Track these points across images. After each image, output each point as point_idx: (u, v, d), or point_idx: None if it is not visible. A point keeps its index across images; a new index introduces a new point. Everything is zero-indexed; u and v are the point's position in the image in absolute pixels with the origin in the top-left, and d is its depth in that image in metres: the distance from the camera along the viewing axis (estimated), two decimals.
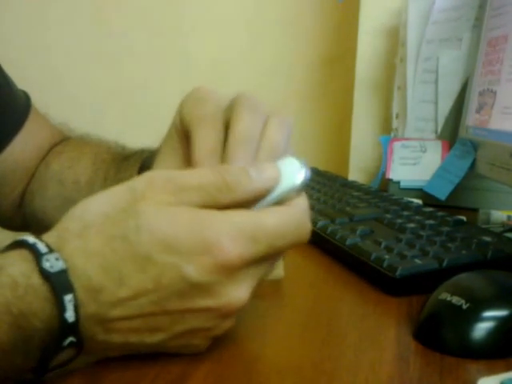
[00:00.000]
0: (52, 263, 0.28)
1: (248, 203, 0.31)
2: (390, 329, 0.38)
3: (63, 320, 0.28)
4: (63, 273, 0.28)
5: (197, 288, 0.29)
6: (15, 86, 0.57)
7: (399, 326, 0.38)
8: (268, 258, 0.31)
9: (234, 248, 0.29)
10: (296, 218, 0.32)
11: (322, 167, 0.86)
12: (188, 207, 0.30)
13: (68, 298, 0.28)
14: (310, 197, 0.65)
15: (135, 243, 0.29)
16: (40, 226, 0.54)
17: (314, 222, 0.56)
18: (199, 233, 0.29)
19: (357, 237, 0.50)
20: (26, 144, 0.55)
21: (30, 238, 0.29)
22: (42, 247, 0.29)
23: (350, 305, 0.43)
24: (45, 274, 0.28)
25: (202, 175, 0.31)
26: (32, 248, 0.29)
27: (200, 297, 0.30)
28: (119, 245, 0.29)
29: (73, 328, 0.28)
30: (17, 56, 1.08)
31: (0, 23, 1.11)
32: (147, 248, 0.29)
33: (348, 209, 0.59)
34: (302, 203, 0.32)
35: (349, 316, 0.41)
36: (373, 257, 0.45)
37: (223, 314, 0.31)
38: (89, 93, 1.11)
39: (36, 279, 0.28)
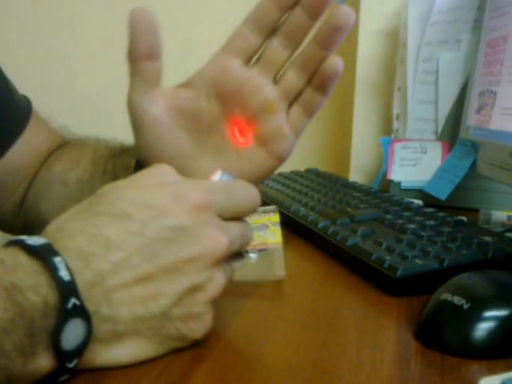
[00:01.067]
0: (34, 240, 0.30)
1: None
2: (391, 329, 0.38)
3: (59, 279, 0.28)
4: (47, 245, 0.29)
5: (180, 234, 0.32)
6: (16, 91, 0.57)
7: (400, 326, 0.38)
8: (229, 212, 0.35)
9: (197, 194, 0.34)
10: (239, 181, 0.38)
11: (322, 168, 0.86)
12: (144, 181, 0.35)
13: (57, 259, 0.29)
14: (311, 198, 0.66)
15: (112, 212, 0.32)
16: (43, 229, 0.54)
17: (315, 223, 0.56)
18: (166, 191, 0.33)
19: (358, 237, 0.50)
20: (25, 148, 0.55)
21: (13, 237, 0.31)
22: (24, 237, 0.30)
23: (351, 305, 0.43)
24: (30, 250, 0.29)
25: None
26: (16, 241, 0.30)
27: (186, 244, 0.32)
28: (97, 219, 0.32)
29: (71, 288, 0.28)
30: (22, 61, 1.09)
31: (7, 29, 1.11)
32: (124, 209, 0.32)
33: (349, 209, 0.59)
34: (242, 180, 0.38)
35: (349, 316, 0.41)
36: (374, 257, 0.45)
37: (209, 261, 0.33)
38: (96, 97, 1.11)
39: (22, 257, 0.29)
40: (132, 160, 0.50)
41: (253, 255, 0.47)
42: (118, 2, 1.09)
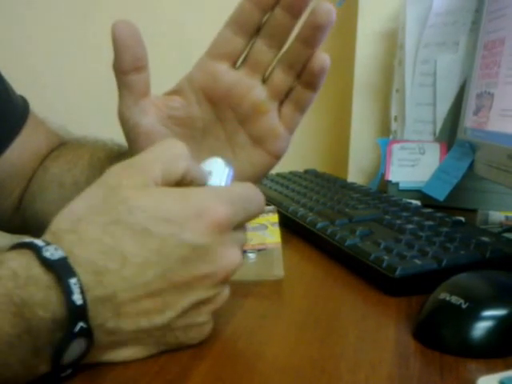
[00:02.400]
0: (52, 252, 0.29)
1: None
2: (390, 328, 0.38)
3: (71, 303, 0.28)
4: (64, 259, 0.29)
5: (197, 252, 0.31)
6: (13, 91, 0.57)
7: (399, 326, 0.38)
8: (243, 222, 0.35)
9: (219, 209, 0.32)
10: (251, 187, 0.36)
11: (321, 169, 0.86)
12: (163, 186, 0.33)
13: (73, 281, 0.28)
14: (310, 198, 0.66)
15: (130, 223, 0.30)
16: (40, 229, 0.54)
17: (314, 224, 0.56)
18: (187, 203, 0.32)
19: (356, 237, 0.50)
20: (23, 149, 0.55)
21: (27, 239, 0.30)
22: (39, 242, 0.29)
23: (350, 305, 0.43)
24: (46, 263, 0.28)
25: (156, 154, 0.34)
26: (30, 244, 0.29)
27: (201, 262, 0.32)
28: (115, 229, 0.30)
29: (81, 312, 0.28)
30: (22, 60, 1.09)
31: (6, 29, 1.11)
32: (143, 224, 0.30)
33: (347, 210, 0.59)
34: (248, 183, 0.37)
35: (348, 316, 0.41)
36: (372, 257, 0.46)
37: (221, 279, 0.33)
38: (89, 96, 1.11)
39: (36, 269, 0.28)
40: None
41: (252, 255, 0.47)
42: (122, 4, 1.10)
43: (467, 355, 0.34)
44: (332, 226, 0.55)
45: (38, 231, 0.56)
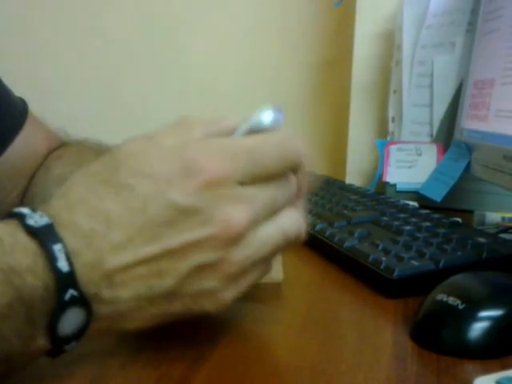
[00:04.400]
0: (36, 219, 0.27)
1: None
2: (387, 330, 0.38)
3: (57, 270, 0.26)
4: (49, 226, 0.27)
5: (187, 214, 0.28)
6: (12, 93, 0.58)
7: (396, 327, 0.38)
8: (262, 178, 0.30)
9: (213, 164, 0.28)
10: (275, 137, 0.31)
11: (319, 171, 0.87)
12: (159, 143, 0.30)
13: (57, 247, 0.27)
14: (308, 201, 0.66)
15: (115, 180, 0.29)
16: None
17: (313, 226, 0.57)
18: (176, 158, 0.29)
19: (354, 239, 0.51)
20: (22, 149, 0.56)
21: (15, 209, 0.29)
22: (24, 210, 0.28)
23: (348, 306, 0.44)
24: (30, 230, 0.27)
25: (169, 127, 0.32)
26: (16, 214, 0.28)
27: (193, 224, 0.28)
28: (100, 187, 0.29)
29: (70, 279, 0.27)
30: (15, 67, 1.09)
31: (6, 32, 1.11)
32: (126, 181, 0.28)
33: (345, 212, 0.59)
34: (283, 130, 0.32)
35: (347, 318, 0.42)
36: (370, 259, 0.46)
37: (224, 240, 0.29)
38: (88, 104, 1.12)
39: (22, 237, 0.27)
40: None
41: None
42: (123, 12, 1.10)
43: (464, 356, 0.34)
44: (330, 227, 0.55)
45: None
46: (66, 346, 0.29)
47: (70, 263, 0.27)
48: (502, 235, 0.55)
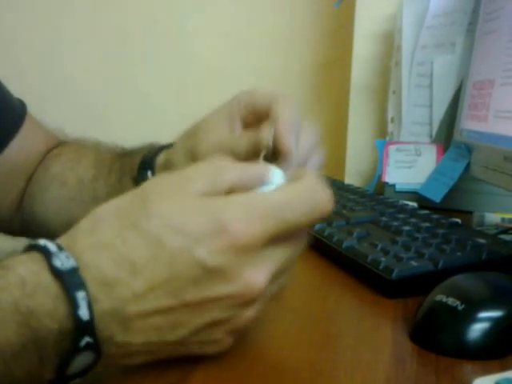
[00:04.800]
0: (62, 261, 0.28)
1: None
2: (387, 330, 0.38)
3: (77, 318, 0.27)
4: (74, 270, 0.28)
5: (211, 273, 0.29)
6: (10, 93, 0.58)
7: (395, 328, 0.38)
8: (284, 235, 0.31)
9: (243, 226, 0.29)
10: (303, 188, 0.31)
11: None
12: (193, 195, 0.30)
13: (81, 295, 0.27)
14: None
15: (145, 229, 0.29)
16: (40, 230, 0.55)
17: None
18: (207, 216, 0.29)
19: (353, 239, 0.51)
20: (21, 148, 0.56)
21: (41, 241, 0.29)
22: (51, 247, 0.28)
23: (347, 307, 0.44)
24: (55, 272, 0.27)
25: (200, 167, 0.32)
26: (42, 249, 0.28)
27: (216, 283, 0.29)
28: (129, 234, 0.29)
29: (88, 327, 0.27)
30: (24, 66, 1.09)
31: (11, 34, 1.11)
32: (156, 232, 0.29)
33: (344, 212, 0.59)
34: (309, 177, 0.32)
35: (346, 318, 0.42)
36: (369, 259, 0.46)
37: (242, 300, 0.30)
38: (95, 101, 1.11)
39: (46, 277, 0.27)
40: (137, 159, 0.50)
41: None
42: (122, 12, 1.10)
43: (463, 356, 0.34)
44: (329, 227, 0.55)
45: (37, 232, 0.56)
46: (71, 382, 0.29)
47: (91, 312, 0.27)
48: (502, 236, 0.55)
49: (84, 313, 0.27)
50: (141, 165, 0.49)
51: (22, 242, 0.58)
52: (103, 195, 0.51)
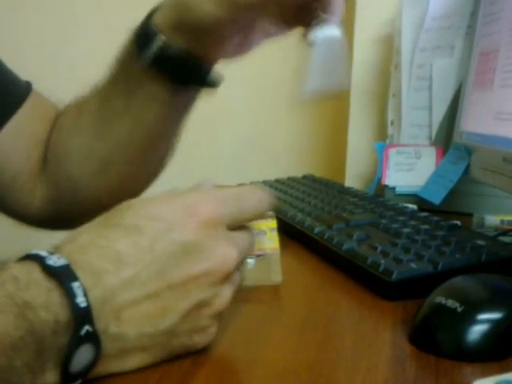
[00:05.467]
0: (54, 260, 0.29)
1: None
2: (386, 332, 0.38)
3: (75, 306, 0.28)
4: (66, 266, 0.29)
5: (189, 250, 0.32)
6: (15, 74, 0.58)
7: (395, 330, 0.38)
8: (239, 221, 0.36)
9: (208, 207, 0.33)
10: (251, 188, 0.37)
11: (318, 174, 0.87)
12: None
13: (76, 284, 0.29)
14: (308, 203, 0.66)
15: (122, 224, 0.32)
16: (68, 181, 0.55)
17: (312, 228, 0.57)
18: (178, 202, 0.33)
19: (353, 242, 0.51)
20: (33, 112, 0.56)
21: (32, 250, 0.31)
22: (42, 253, 0.30)
23: (347, 309, 0.44)
24: (48, 270, 0.29)
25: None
26: (33, 255, 0.30)
27: (194, 260, 0.32)
28: (109, 231, 0.32)
29: (86, 314, 0.28)
30: (33, 68, 1.09)
31: (25, 33, 1.12)
32: (133, 222, 0.32)
33: (344, 214, 0.59)
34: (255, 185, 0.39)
35: (345, 320, 0.42)
36: (369, 261, 0.46)
37: (219, 276, 0.33)
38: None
39: (37, 274, 0.29)
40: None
41: (250, 260, 0.48)
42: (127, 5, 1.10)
43: (463, 359, 0.34)
44: (329, 230, 0.55)
45: (65, 193, 0.55)
46: (73, 383, 0.30)
47: (87, 300, 0.29)
48: (501, 238, 0.55)
49: (81, 300, 0.28)
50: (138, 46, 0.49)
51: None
52: (121, 87, 0.51)
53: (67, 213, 0.57)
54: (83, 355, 0.29)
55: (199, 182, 0.38)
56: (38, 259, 0.29)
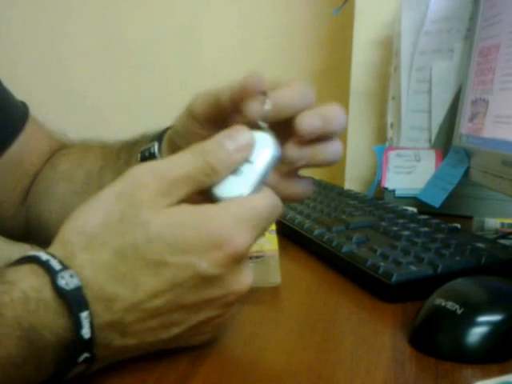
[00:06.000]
0: (67, 280, 0.28)
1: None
2: (386, 334, 0.38)
3: (79, 337, 0.28)
4: (78, 290, 0.28)
5: (210, 280, 0.31)
6: (13, 96, 0.58)
7: (394, 332, 0.38)
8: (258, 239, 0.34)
9: (240, 239, 0.31)
10: (274, 197, 0.34)
11: (318, 177, 0.86)
12: (188, 206, 0.31)
13: (84, 314, 0.28)
14: (307, 206, 0.66)
15: (146, 250, 0.30)
16: (44, 229, 0.55)
17: (311, 231, 0.57)
18: (205, 230, 0.30)
19: (353, 244, 0.51)
20: (25, 147, 0.56)
21: (43, 255, 0.29)
22: (55, 264, 0.29)
23: (346, 311, 0.44)
24: (59, 291, 0.28)
25: (186, 162, 0.32)
26: (45, 265, 0.29)
27: (212, 287, 0.31)
28: (130, 254, 0.30)
29: (88, 344, 0.29)
30: (30, 70, 1.10)
31: (16, 36, 1.12)
32: (159, 253, 0.30)
33: (344, 217, 0.59)
34: (268, 190, 0.34)
35: (345, 322, 0.42)
36: (368, 264, 0.46)
37: (231, 300, 0.33)
38: (105, 106, 1.12)
39: (48, 293, 0.28)
40: (146, 141, 0.49)
41: (249, 262, 0.48)
42: (120, 10, 1.11)
43: (462, 361, 0.34)
44: (329, 232, 0.55)
45: (41, 233, 0.56)
46: None
47: (92, 330, 0.28)
48: (501, 241, 0.55)
49: (86, 332, 0.28)
50: (148, 142, 0.49)
51: (16, 247, 0.59)
52: (109, 182, 0.51)
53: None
54: (77, 369, 0.29)
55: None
56: (50, 273, 0.28)
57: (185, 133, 0.42)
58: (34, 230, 0.56)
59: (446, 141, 0.76)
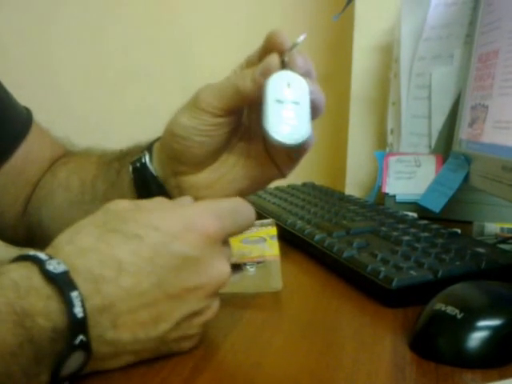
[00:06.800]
0: (54, 266, 0.30)
1: None
2: (386, 339, 0.38)
3: (72, 316, 0.29)
4: (66, 273, 0.30)
5: (188, 263, 0.33)
6: (16, 102, 0.58)
7: (395, 337, 0.38)
8: (232, 235, 0.37)
9: (208, 223, 0.34)
10: (240, 200, 0.37)
11: (318, 182, 0.87)
12: (166, 200, 0.36)
13: (74, 294, 0.29)
14: (308, 211, 0.66)
15: (124, 231, 0.32)
16: (45, 236, 0.55)
17: (312, 236, 0.57)
18: (179, 214, 0.34)
19: (353, 249, 0.51)
20: (27, 156, 0.56)
21: (30, 251, 0.31)
22: (42, 256, 0.30)
23: (347, 316, 0.44)
24: (48, 276, 0.29)
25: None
26: (33, 257, 0.30)
27: (192, 273, 0.33)
28: (110, 236, 0.32)
29: (82, 324, 0.29)
30: (20, 76, 1.10)
31: (3, 43, 1.12)
32: (135, 231, 0.32)
33: (345, 222, 0.59)
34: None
35: (346, 327, 0.42)
36: (369, 269, 0.46)
37: (212, 290, 0.34)
38: (93, 113, 1.12)
39: (37, 280, 0.29)
40: (137, 151, 0.50)
41: (251, 268, 0.48)
42: (119, 20, 1.11)
43: (463, 365, 0.34)
44: (329, 238, 0.55)
45: (42, 240, 0.56)
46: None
47: (84, 310, 0.29)
48: (501, 246, 0.56)
49: (79, 311, 0.29)
50: (139, 153, 0.50)
51: (14, 250, 0.59)
52: (101, 192, 0.51)
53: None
54: (74, 361, 0.30)
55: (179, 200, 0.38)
56: (38, 263, 0.30)
57: (189, 133, 0.45)
58: (36, 237, 0.57)
59: (445, 146, 0.76)
